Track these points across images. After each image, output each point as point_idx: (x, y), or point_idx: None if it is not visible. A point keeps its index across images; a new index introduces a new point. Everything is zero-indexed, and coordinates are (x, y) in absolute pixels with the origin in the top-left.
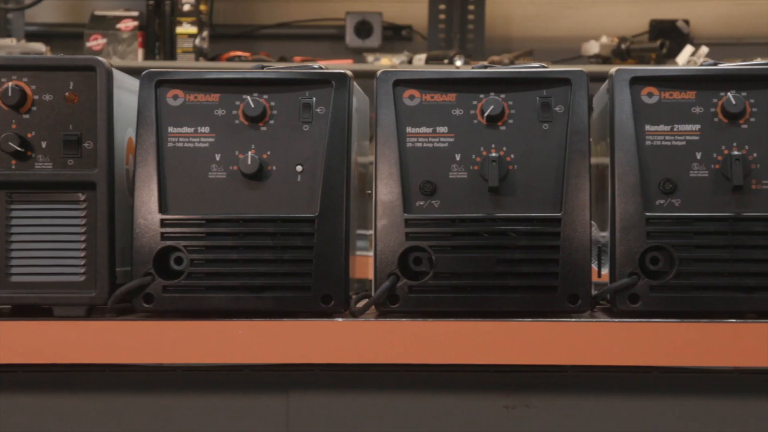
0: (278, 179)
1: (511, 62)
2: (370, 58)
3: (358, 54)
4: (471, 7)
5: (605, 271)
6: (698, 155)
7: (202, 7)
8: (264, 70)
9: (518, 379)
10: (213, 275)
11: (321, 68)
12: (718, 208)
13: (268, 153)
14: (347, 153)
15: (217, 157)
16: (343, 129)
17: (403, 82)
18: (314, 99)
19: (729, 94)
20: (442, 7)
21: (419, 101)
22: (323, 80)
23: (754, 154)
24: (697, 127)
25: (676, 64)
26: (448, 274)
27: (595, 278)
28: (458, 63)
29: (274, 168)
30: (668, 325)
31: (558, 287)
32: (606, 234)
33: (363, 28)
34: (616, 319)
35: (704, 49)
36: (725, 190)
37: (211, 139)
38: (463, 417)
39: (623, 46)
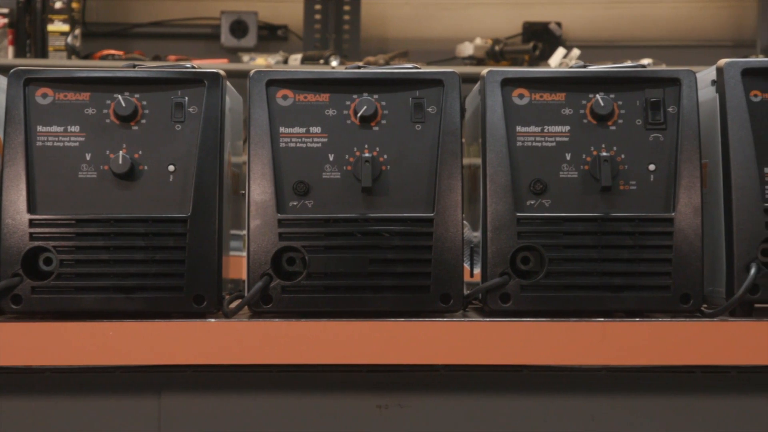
0: (150, 179)
1: (387, 63)
2: (245, 57)
3: (233, 53)
4: (347, 8)
5: (477, 270)
6: (568, 156)
7: (75, 5)
8: (135, 69)
9: (391, 379)
10: (83, 276)
11: (193, 67)
12: (587, 208)
13: (140, 152)
14: (220, 153)
15: (88, 157)
16: (215, 129)
17: (276, 82)
18: (186, 98)
19: (598, 96)
20: (318, 7)
21: (293, 101)
22: (195, 80)
23: (622, 156)
24: (567, 128)
25: (548, 66)
26: (321, 274)
27: (467, 278)
28: (334, 63)
29: (145, 168)
30: (538, 324)
31: (430, 287)
32: (478, 234)
33: (238, 28)
34: (488, 319)
35: (576, 52)
36: (594, 191)
37: (81, 139)
38: (337, 417)
39: (497, 48)
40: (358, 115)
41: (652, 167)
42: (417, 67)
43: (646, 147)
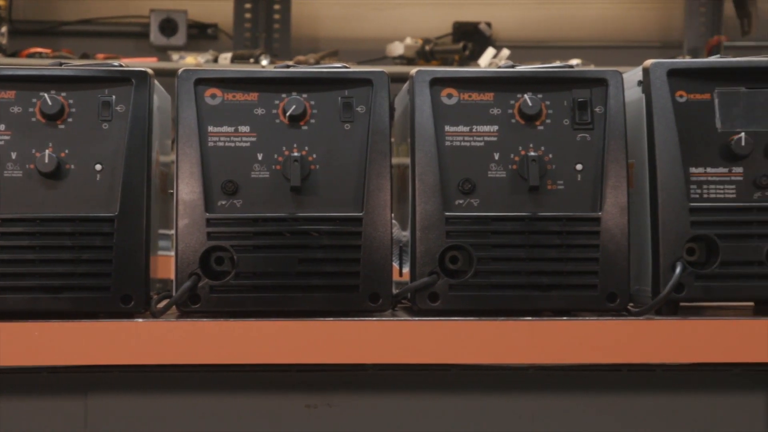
0: (77, 178)
1: (317, 62)
2: (175, 56)
3: (162, 52)
4: (277, 7)
5: (406, 269)
6: (496, 156)
7: (1, 2)
8: (62, 67)
9: (320, 379)
10: (8, 276)
11: (121, 66)
12: (515, 207)
13: (66, 151)
14: (148, 152)
15: (13, 156)
16: (143, 127)
17: (204, 81)
18: (114, 97)
19: (526, 96)
20: (248, 6)
21: (221, 100)
22: (123, 78)
23: (550, 155)
24: (495, 128)
25: (478, 65)
26: (250, 273)
27: (396, 277)
28: (264, 62)
29: (72, 167)
30: (467, 323)
31: (359, 286)
32: (407, 233)
33: (168, 26)
34: (416, 318)
35: (506, 52)
36: (522, 190)
37: (7, 137)
38: (265, 416)
39: (427, 48)
40: (287, 114)
41: (579, 167)
42: (346, 67)
43: (573, 147)
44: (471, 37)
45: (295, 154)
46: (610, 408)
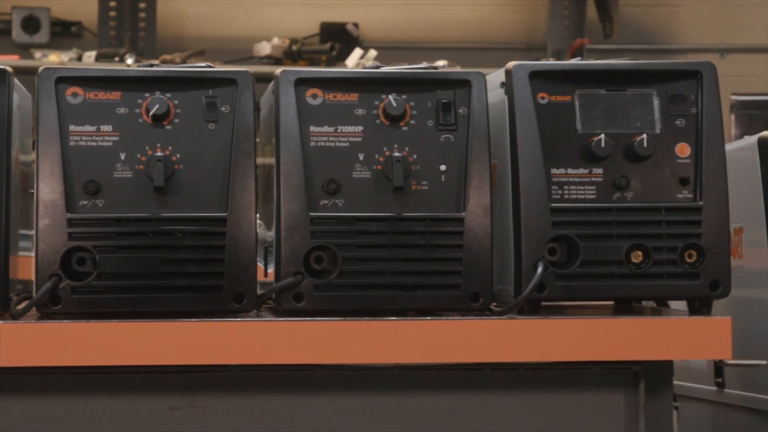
0: None
1: (183, 61)
2: (37, 54)
3: (25, 50)
4: (142, 5)
5: (271, 270)
6: (361, 156)
7: None
8: None
9: (183, 380)
10: None
11: None
12: (379, 208)
13: None
14: (7, 151)
15: None
16: (2, 126)
17: (66, 80)
18: None
19: (390, 96)
20: (113, 4)
21: (83, 99)
22: None
23: (414, 156)
24: (360, 128)
25: (346, 66)
26: (112, 274)
27: (261, 277)
28: (129, 61)
29: None
30: (331, 323)
31: (224, 287)
32: (272, 233)
33: (30, 24)
34: (281, 318)
35: (373, 53)
36: (387, 191)
37: None
38: (128, 418)
39: (294, 48)
40: (150, 113)
41: (443, 167)
42: (210, 66)
43: (437, 147)
44: (338, 38)
45: (159, 153)
46: (474, 407)
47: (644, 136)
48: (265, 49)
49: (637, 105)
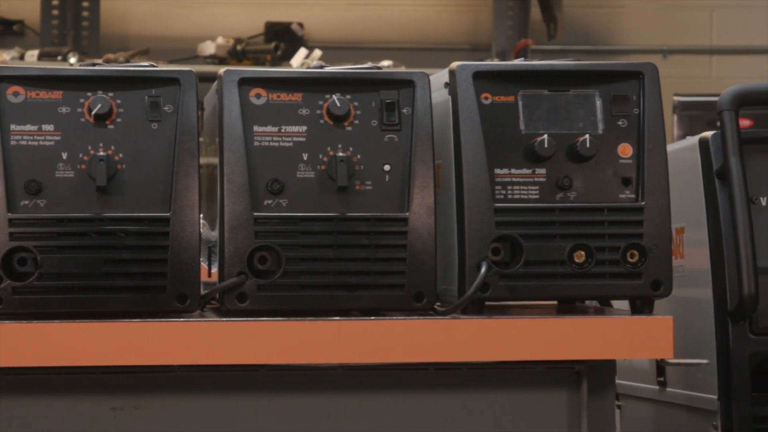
0: None
1: (127, 60)
2: None
3: None
4: (85, 4)
5: (215, 270)
6: (305, 156)
7: None
8: None
9: (126, 381)
10: None
11: None
12: (323, 208)
13: None
14: None
15: None
16: None
17: (6, 79)
18: None
19: (334, 96)
20: (56, 2)
21: (24, 98)
22: None
23: (358, 156)
24: (304, 128)
25: (291, 66)
26: (54, 274)
27: (205, 278)
28: (72, 60)
29: None
30: (275, 323)
31: (167, 287)
32: (216, 233)
33: None
34: (225, 319)
35: (317, 52)
36: (331, 191)
37: None
38: (69, 420)
39: (239, 48)
40: (93, 113)
41: (387, 167)
42: (154, 65)
43: (381, 147)
44: (283, 37)
45: (101, 153)
46: (418, 406)
47: (587, 136)
48: (209, 48)
49: (580, 105)
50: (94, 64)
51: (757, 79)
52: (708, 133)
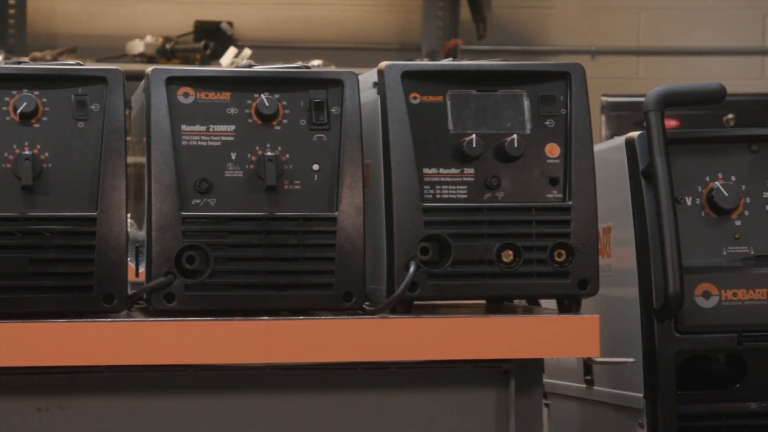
0: None
1: (54, 59)
2: None
3: None
4: (12, 1)
5: (143, 269)
6: (233, 155)
7: None
8: None
9: (52, 381)
10: None
11: None
12: (252, 207)
13: None
14: None
15: None
16: None
17: None
18: None
19: (263, 95)
20: None
21: None
22: None
23: (287, 155)
24: (232, 127)
25: (220, 65)
26: None
27: (133, 277)
28: None
29: None
30: (203, 323)
31: (93, 287)
32: (144, 233)
33: None
34: (152, 319)
35: (247, 51)
36: (259, 190)
37: None
38: None
39: (168, 46)
40: (18, 111)
41: (316, 167)
42: (80, 64)
43: (310, 147)
44: (213, 36)
45: (27, 152)
46: (347, 406)
47: (515, 136)
48: (138, 47)
49: (508, 106)
50: (19, 62)
51: (684, 80)
52: (634, 134)
